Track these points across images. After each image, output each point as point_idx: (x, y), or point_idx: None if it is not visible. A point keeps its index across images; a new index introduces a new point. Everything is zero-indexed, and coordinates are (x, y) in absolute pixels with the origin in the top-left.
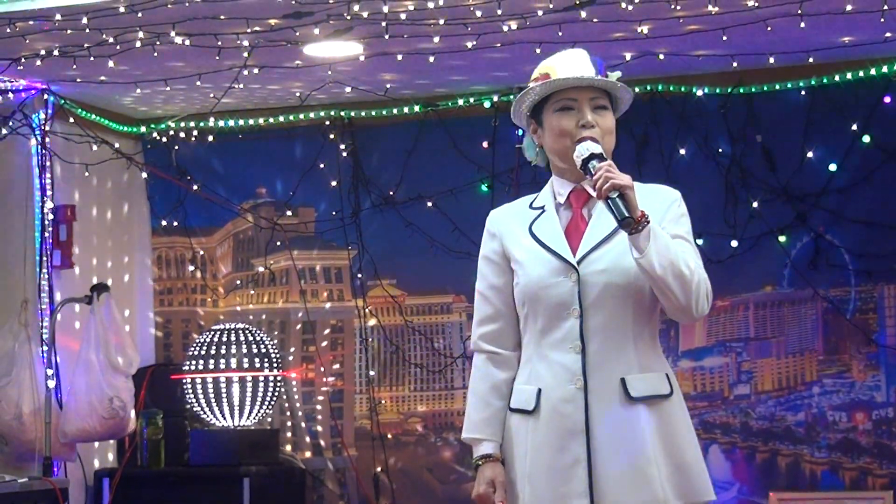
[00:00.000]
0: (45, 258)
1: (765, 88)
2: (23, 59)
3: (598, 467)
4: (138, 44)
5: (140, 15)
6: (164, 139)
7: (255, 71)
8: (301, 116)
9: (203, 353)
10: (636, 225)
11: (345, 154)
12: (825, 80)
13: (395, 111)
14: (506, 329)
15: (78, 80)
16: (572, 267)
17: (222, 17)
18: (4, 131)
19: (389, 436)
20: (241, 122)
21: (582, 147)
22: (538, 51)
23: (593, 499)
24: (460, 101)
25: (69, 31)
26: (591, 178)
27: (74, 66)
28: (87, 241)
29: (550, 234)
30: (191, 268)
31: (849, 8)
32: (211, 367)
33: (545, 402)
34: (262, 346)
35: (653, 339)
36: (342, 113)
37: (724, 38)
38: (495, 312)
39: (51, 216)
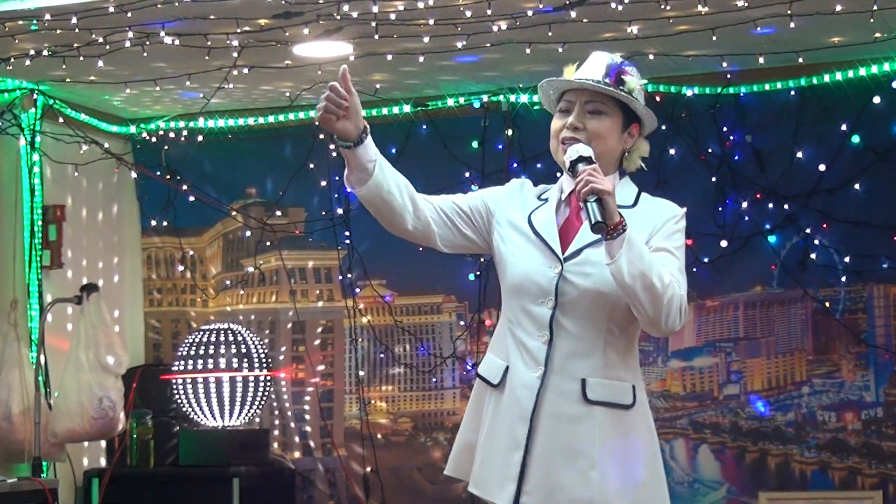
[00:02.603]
0: (34, 258)
1: (754, 89)
2: (12, 59)
3: (534, 457)
4: (128, 44)
5: (129, 15)
6: (154, 139)
7: (245, 71)
8: (291, 116)
9: (193, 353)
10: (611, 231)
11: (334, 154)
12: (815, 81)
13: (384, 111)
14: (433, 209)
15: (67, 80)
16: (558, 260)
17: (212, 17)
18: None
19: (379, 436)
20: (231, 122)
21: (572, 150)
22: (528, 51)
23: (521, 486)
24: (450, 102)
25: (58, 31)
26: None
27: (64, 66)
28: (77, 242)
29: (545, 225)
30: (180, 268)
31: (838, 8)
32: (200, 367)
33: (509, 382)
34: (252, 347)
35: (626, 350)
36: None
37: (714, 38)
38: (448, 200)
39: (40, 216)
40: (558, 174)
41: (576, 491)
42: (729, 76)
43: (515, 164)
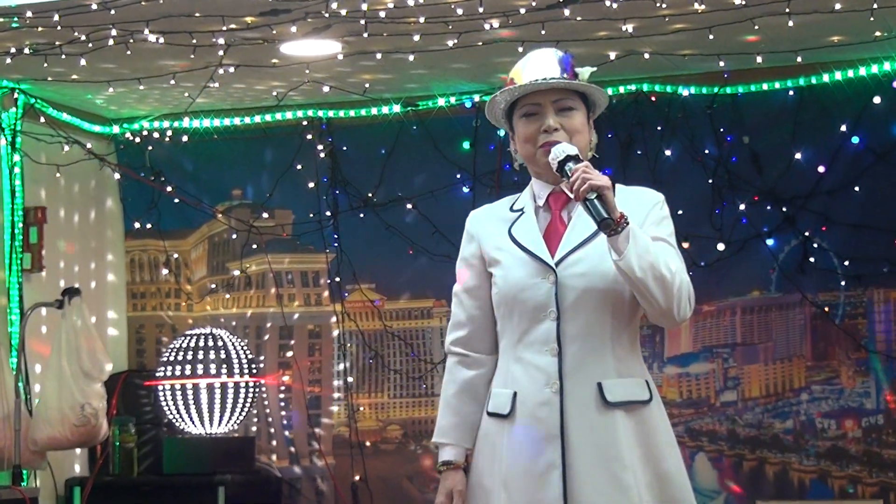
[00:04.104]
0: (14, 261)
1: (752, 88)
2: None
3: (573, 473)
4: (111, 42)
5: (113, 12)
6: (138, 139)
7: (231, 70)
8: (278, 116)
9: (177, 358)
10: (615, 226)
11: (322, 155)
12: (813, 80)
13: (374, 111)
14: (479, 333)
15: (49, 78)
16: (550, 269)
17: (197, 14)
18: None
19: (368, 443)
20: (217, 122)
21: (557, 149)
22: (520, 49)
23: None
24: (441, 101)
25: (40, 29)
26: (568, 181)
27: (46, 65)
28: (59, 244)
29: (528, 237)
30: (164, 271)
31: (837, 6)
32: (185, 373)
33: (521, 405)
34: (238, 352)
35: (632, 345)
36: (320, 113)
37: (711, 36)
38: (468, 317)
39: (21, 218)
40: None
41: (617, 499)
42: (726, 76)
43: (507, 166)
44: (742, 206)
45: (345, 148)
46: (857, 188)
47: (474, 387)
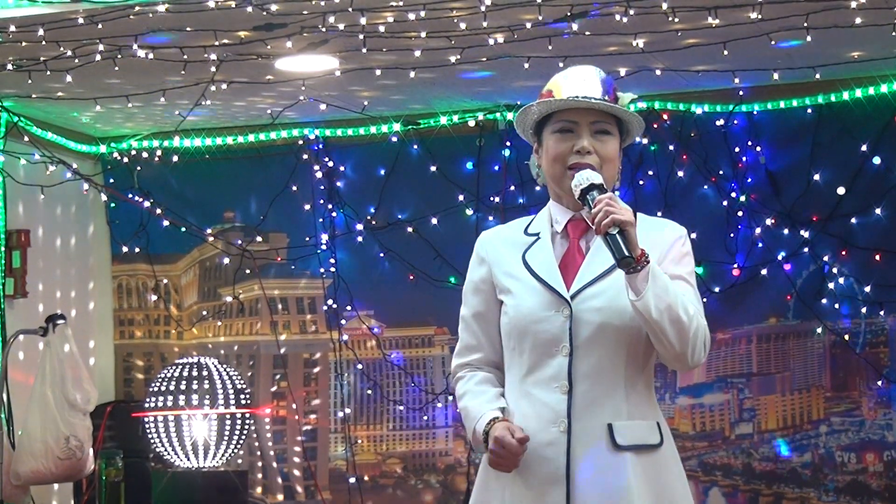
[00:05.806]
0: None
1: (769, 106)
2: None
3: None
4: (98, 57)
5: (100, 26)
6: (126, 159)
7: (224, 86)
8: (272, 135)
9: (167, 388)
10: (635, 264)
11: (319, 176)
12: (833, 98)
13: (373, 130)
14: (488, 357)
15: (33, 95)
16: (565, 301)
17: (188, 28)
18: None
19: (366, 478)
20: (209, 141)
21: (581, 176)
22: (527, 66)
23: None
24: (443, 120)
25: (24, 44)
26: (589, 210)
27: (30, 81)
28: (43, 269)
29: (544, 265)
30: (153, 297)
31: (858, 21)
32: (175, 403)
33: (527, 444)
34: (230, 382)
35: (647, 386)
36: (316, 131)
37: (726, 52)
38: (477, 343)
39: (3, 242)
40: None
41: None
42: (741, 93)
43: (513, 187)
44: (758, 230)
45: (342, 168)
46: (878, 210)
47: (492, 379)
